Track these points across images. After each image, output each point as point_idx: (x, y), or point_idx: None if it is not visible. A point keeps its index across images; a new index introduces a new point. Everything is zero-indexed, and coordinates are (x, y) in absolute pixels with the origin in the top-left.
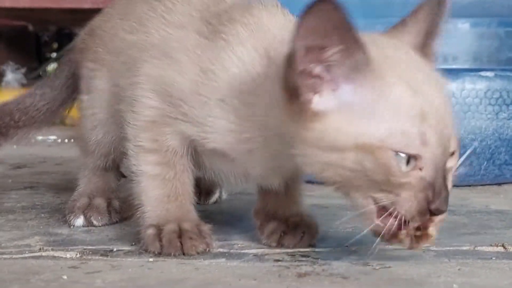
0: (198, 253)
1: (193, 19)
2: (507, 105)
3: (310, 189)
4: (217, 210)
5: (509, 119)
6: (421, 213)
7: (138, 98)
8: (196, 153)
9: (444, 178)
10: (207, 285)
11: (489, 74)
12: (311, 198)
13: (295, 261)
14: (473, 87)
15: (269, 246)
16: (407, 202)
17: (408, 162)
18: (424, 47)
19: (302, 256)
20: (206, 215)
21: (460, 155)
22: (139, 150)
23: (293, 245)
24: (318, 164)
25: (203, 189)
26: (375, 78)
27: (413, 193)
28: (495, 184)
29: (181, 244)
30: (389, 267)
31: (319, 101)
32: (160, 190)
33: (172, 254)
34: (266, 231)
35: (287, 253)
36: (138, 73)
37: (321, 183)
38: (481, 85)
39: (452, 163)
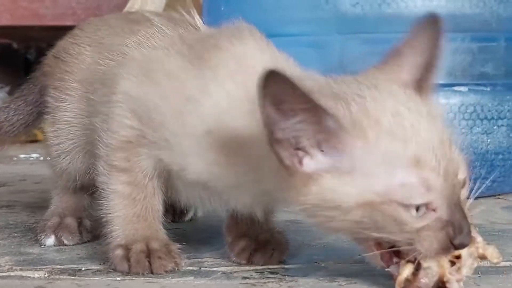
0: (166, 272)
1: (174, 40)
2: (481, 120)
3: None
4: (191, 227)
5: (483, 134)
6: (444, 249)
7: (114, 116)
8: (170, 177)
9: (462, 211)
10: None
11: (463, 89)
12: (286, 214)
13: (263, 278)
14: (447, 102)
15: (239, 264)
16: (427, 241)
17: (418, 209)
18: (422, 81)
19: (271, 273)
20: (180, 233)
21: None
22: (111, 169)
23: (262, 263)
24: (321, 218)
25: (177, 207)
26: (357, 135)
27: (432, 233)
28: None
29: (150, 264)
30: (355, 283)
31: (308, 166)
32: (129, 209)
33: (141, 273)
34: (237, 248)
35: (256, 270)
36: (116, 90)
37: None
38: (455, 99)
39: (465, 191)
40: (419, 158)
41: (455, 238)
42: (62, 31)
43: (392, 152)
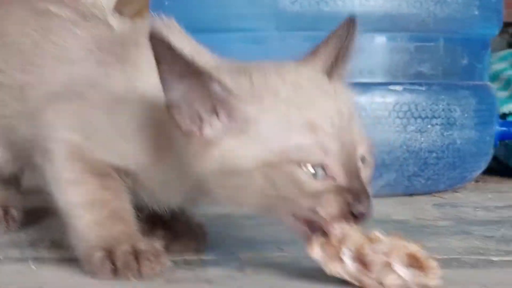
0: (155, 275)
1: (91, 51)
2: (415, 118)
3: None
4: None
5: (416, 132)
6: (344, 216)
7: (50, 138)
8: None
9: (362, 182)
10: None
11: (398, 88)
12: (219, 208)
13: (176, 268)
14: (382, 101)
15: None
16: (327, 205)
17: (316, 172)
18: (334, 69)
19: (186, 263)
20: None
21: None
22: (66, 184)
23: (178, 252)
24: (231, 191)
25: None
26: (251, 101)
27: (332, 196)
28: (407, 195)
29: (138, 266)
30: (262, 273)
31: (205, 132)
32: (101, 213)
33: (129, 277)
34: (154, 236)
35: (171, 260)
36: (44, 119)
37: None
38: (390, 98)
39: (367, 172)
40: (314, 123)
41: (353, 206)
42: None
43: (288, 117)
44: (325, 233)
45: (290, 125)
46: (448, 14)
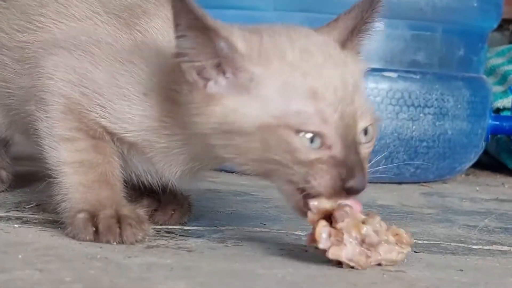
0: (137, 241)
1: (97, 12)
2: (408, 106)
3: (216, 176)
4: None
5: (408, 120)
6: (336, 190)
7: (48, 89)
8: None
9: (359, 156)
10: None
11: (392, 74)
12: (210, 184)
13: (158, 236)
14: (375, 86)
15: None
16: (319, 176)
17: (312, 140)
18: (348, 42)
19: (167, 232)
20: None
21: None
22: (58, 140)
23: (162, 222)
24: (230, 149)
25: None
26: (258, 62)
27: (325, 167)
28: (395, 182)
29: (120, 231)
30: (241, 245)
31: (210, 87)
32: (88, 175)
33: (111, 242)
34: (138, 206)
35: (154, 229)
36: (44, 67)
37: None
38: (383, 85)
39: (368, 146)
40: (316, 91)
41: (347, 181)
42: None
43: (291, 82)
44: (326, 218)
45: (293, 90)
46: (447, 4)
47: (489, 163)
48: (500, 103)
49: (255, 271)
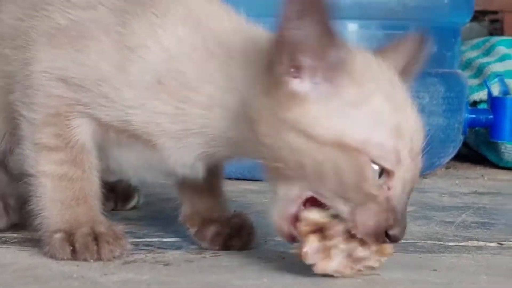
0: (114, 257)
1: None
2: None
3: None
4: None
5: None
6: (377, 234)
7: (38, 87)
8: (107, 144)
9: (405, 207)
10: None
11: None
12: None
13: (136, 250)
14: None
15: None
16: (368, 215)
17: (380, 176)
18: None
19: (146, 245)
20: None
21: None
22: (39, 148)
23: (240, 247)
24: (284, 146)
25: (120, 192)
26: (354, 82)
27: (377, 208)
28: None
29: (97, 248)
30: (219, 255)
31: (299, 85)
32: (67, 192)
33: (88, 259)
34: (209, 235)
35: (132, 242)
36: (38, 59)
37: None
38: None
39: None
40: (401, 129)
41: (392, 228)
42: None
43: (382, 112)
44: (316, 231)
45: (382, 121)
46: (418, 2)
47: (469, 155)
48: (477, 96)
49: (230, 282)
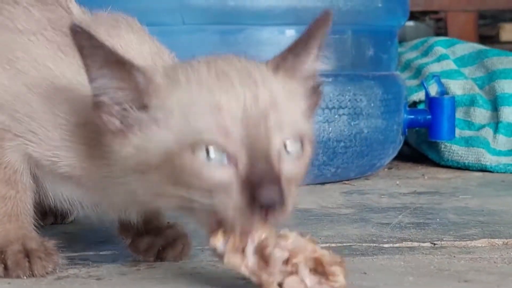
0: (47, 273)
1: (42, 26)
2: (323, 109)
3: None
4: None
5: (324, 122)
6: (251, 208)
7: None
8: (41, 174)
9: (271, 168)
10: None
11: None
12: None
13: (71, 265)
14: None
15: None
16: (225, 200)
17: (212, 155)
18: (281, 62)
19: (81, 259)
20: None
21: None
22: None
23: (174, 258)
24: (143, 183)
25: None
26: (167, 92)
27: (234, 187)
28: (318, 183)
29: (30, 265)
30: (154, 267)
31: (115, 123)
32: None
33: (22, 276)
34: (142, 246)
35: (68, 257)
36: None
37: None
38: None
39: (294, 162)
40: (220, 106)
41: (258, 194)
42: None
43: (196, 102)
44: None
45: (196, 108)
46: (352, 7)
47: (411, 155)
48: (416, 97)
49: None
